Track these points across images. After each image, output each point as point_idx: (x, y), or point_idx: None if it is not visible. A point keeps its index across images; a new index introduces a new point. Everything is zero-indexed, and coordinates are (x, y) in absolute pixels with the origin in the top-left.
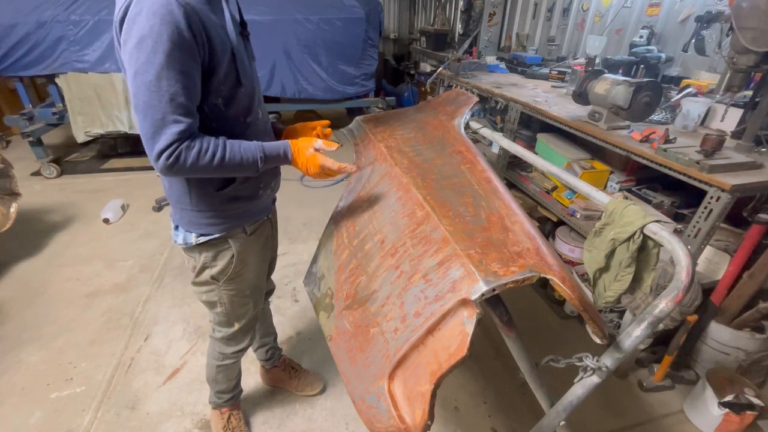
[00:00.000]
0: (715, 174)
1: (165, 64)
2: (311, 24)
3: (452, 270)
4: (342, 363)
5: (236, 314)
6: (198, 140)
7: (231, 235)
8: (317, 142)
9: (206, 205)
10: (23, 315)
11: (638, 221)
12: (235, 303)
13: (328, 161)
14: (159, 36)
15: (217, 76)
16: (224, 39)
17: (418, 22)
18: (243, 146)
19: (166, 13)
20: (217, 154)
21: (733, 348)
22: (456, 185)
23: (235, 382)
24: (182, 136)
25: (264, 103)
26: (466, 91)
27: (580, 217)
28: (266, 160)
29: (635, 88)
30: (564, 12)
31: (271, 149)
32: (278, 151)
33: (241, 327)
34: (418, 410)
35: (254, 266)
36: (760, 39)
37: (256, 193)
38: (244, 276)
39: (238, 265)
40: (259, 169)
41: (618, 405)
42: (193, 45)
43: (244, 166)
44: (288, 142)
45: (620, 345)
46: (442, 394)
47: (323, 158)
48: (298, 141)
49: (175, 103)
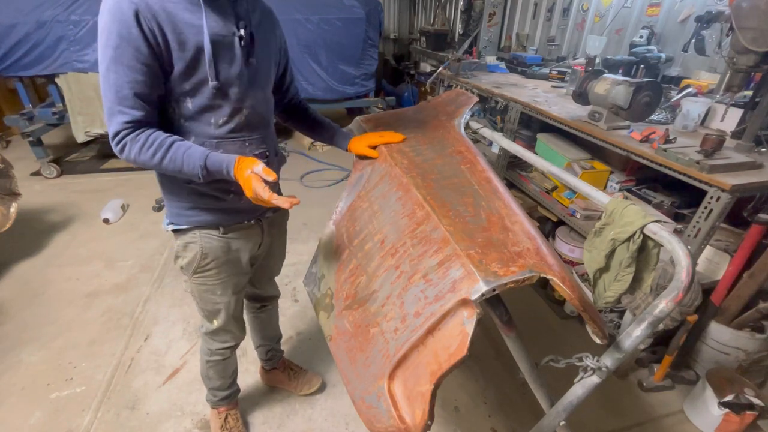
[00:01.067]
0: (715, 174)
1: (113, 58)
2: (311, 24)
3: (452, 270)
4: (342, 363)
5: (208, 310)
6: (145, 134)
7: (201, 230)
8: (257, 166)
9: (176, 195)
10: (23, 315)
11: (638, 221)
12: (205, 299)
13: (260, 188)
14: (110, 32)
15: (176, 71)
16: (191, 36)
17: (418, 22)
18: (188, 152)
19: (116, 11)
20: (158, 154)
21: (733, 348)
22: (456, 185)
23: (230, 380)
24: (126, 127)
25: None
26: (466, 91)
27: (580, 217)
28: (208, 172)
29: (635, 88)
30: (564, 12)
31: (214, 162)
32: (221, 166)
33: (221, 325)
34: (418, 410)
35: (228, 267)
36: (760, 39)
37: (225, 195)
38: (213, 274)
39: (203, 260)
40: (201, 179)
41: (618, 405)
42: (141, 41)
43: (185, 172)
44: (235, 158)
45: (620, 345)
46: (442, 394)
47: (257, 183)
48: (243, 159)
49: (120, 95)
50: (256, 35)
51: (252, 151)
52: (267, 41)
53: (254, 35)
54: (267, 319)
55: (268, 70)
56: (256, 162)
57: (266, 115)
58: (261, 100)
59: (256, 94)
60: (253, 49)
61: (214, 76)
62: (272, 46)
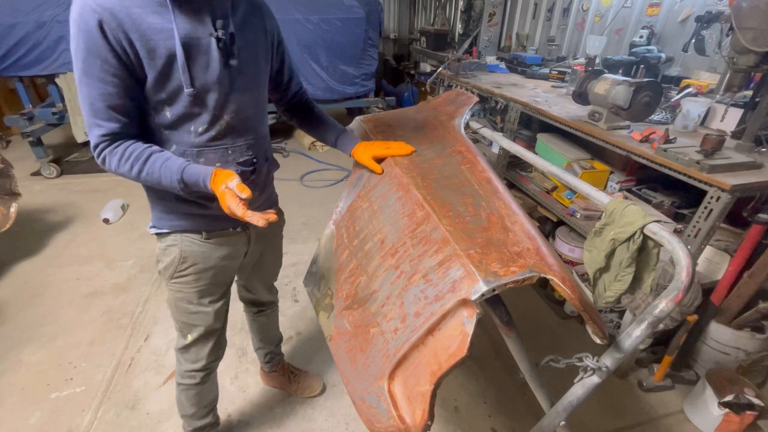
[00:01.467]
0: (715, 174)
1: (83, 71)
2: (311, 24)
3: (452, 270)
4: (342, 363)
5: (183, 322)
6: (123, 146)
7: (180, 235)
8: (232, 181)
9: (159, 199)
10: (23, 315)
11: (638, 221)
12: (180, 309)
13: (233, 204)
14: (77, 44)
15: (149, 80)
16: (161, 41)
17: (418, 22)
18: (166, 165)
19: (81, 22)
20: (135, 167)
21: (733, 348)
22: (456, 185)
23: (205, 411)
24: (104, 140)
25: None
26: (466, 91)
27: (580, 217)
28: (186, 185)
29: (635, 88)
30: (564, 12)
31: (191, 175)
32: (197, 178)
33: (195, 340)
34: (418, 410)
35: (208, 275)
36: (760, 39)
37: (209, 202)
38: (190, 280)
39: (182, 265)
40: (181, 192)
41: (618, 405)
42: (108, 52)
43: (164, 185)
44: (212, 170)
45: (620, 345)
46: (442, 394)
47: (230, 199)
48: (220, 172)
49: (94, 108)
50: (240, 34)
51: (236, 159)
52: (254, 40)
53: (235, 35)
54: (266, 323)
55: (256, 70)
56: (231, 176)
57: (253, 120)
58: (247, 105)
59: (241, 99)
60: (234, 50)
61: (189, 83)
62: (260, 44)
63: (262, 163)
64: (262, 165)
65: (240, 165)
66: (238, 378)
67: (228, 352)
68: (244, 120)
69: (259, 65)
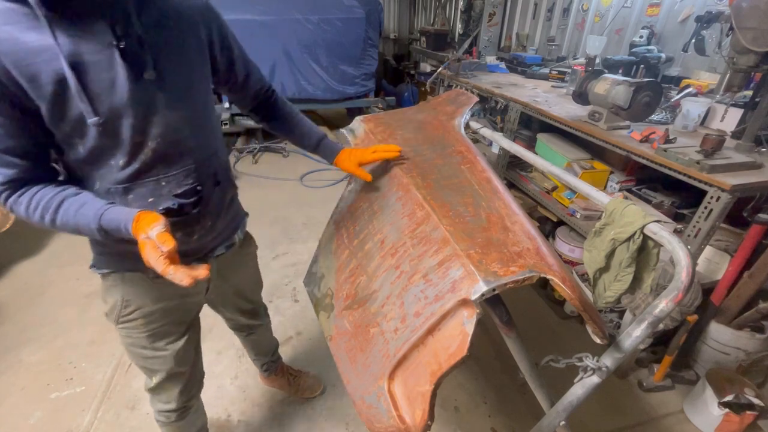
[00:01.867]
0: (715, 174)
1: None
2: (311, 24)
3: (452, 270)
4: (342, 363)
5: (141, 366)
6: (28, 194)
7: (121, 274)
8: (153, 229)
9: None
10: (23, 315)
11: (638, 221)
12: (134, 354)
13: (152, 258)
14: None
15: (44, 112)
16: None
17: (418, 22)
18: (81, 212)
19: None
20: (46, 217)
21: (733, 348)
22: (456, 185)
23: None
24: (4, 189)
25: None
26: (466, 91)
27: (580, 217)
28: (107, 234)
29: (635, 88)
30: (564, 12)
31: (111, 221)
32: (118, 225)
33: (160, 383)
34: (418, 410)
35: (159, 317)
36: (760, 39)
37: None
38: (138, 325)
39: (125, 309)
40: (105, 240)
41: (618, 405)
42: None
43: (83, 233)
44: (134, 214)
45: (620, 345)
46: (442, 394)
47: (149, 252)
48: (143, 216)
49: None
50: (155, 37)
51: (172, 191)
52: (178, 40)
53: (147, 39)
54: (258, 340)
55: (187, 80)
56: (154, 221)
57: (191, 141)
58: (178, 125)
59: (168, 119)
60: (147, 58)
61: (91, 111)
62: (189, 44)
63: (210, 190)
64: (211, 191)
65: (178, 197)
66: (238, 378)
67: (228, 352)
68: (177, 143)
69: (190, 72)
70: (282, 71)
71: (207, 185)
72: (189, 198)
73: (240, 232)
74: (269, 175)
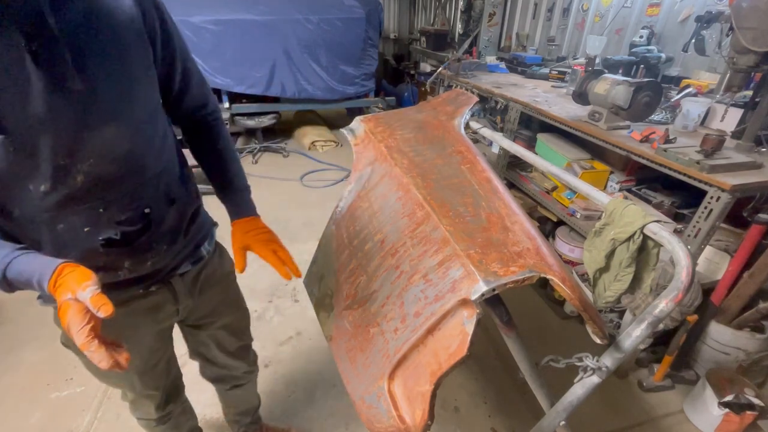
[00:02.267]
0: (715, 174)
1: None
2: (311, 24)
3: (452, 270)
4: (342, 363)
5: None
6: None
7: None
8: (87, 289)
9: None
10: (23, 315)
11: (638, 221)
12: (99, 376)
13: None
14: None
15: None
16: None
17: (418, 22)
18: None
19: None
20: None
21: (733, 348)
22: (456, 185)
23: None
24: None
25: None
26: (466, 91)
27: (580, 217)
28: (12, 287)
29: (635, 88)
30: (564, 12)
31: (20, 273)
32: (30, 277)
33: (134, 400)
34: (418, 410)
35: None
36: (760, 39)
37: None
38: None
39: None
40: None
41: (618, 405)
42: None
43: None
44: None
45: (620, 345)
46: (442, 394)
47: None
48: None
49: None
50: (83, 35)
51: (114, 218)
52: (113, 38)
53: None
54: (240, 395)
55: (125, 87)
56: (85, 280)
57: (134, 158)
58: (117, 140)
59: (103, 134)
60: (67, 63)
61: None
62: (128, 43)
63: (162, 211)
64: (164, 212)
65: (121, 225)
66: None
67: None
68: (116, 163)
69: (130, 79)
70: (282, 71)
71: (158, 206)
72: (135, 225)
73: (208, 244)
74: (269, 175)
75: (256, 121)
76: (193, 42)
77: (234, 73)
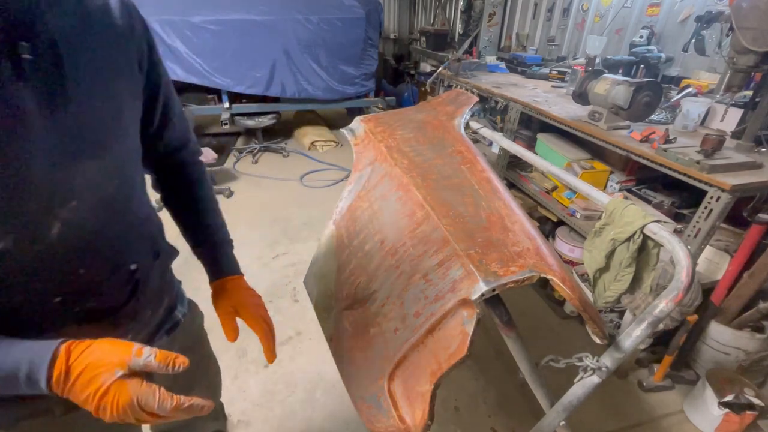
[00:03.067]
0: (715, 174)
1: None
2: (311, 24)
3: (452, 270)
4: (342, 363)
5: None
6: None
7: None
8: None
9: None
10: None
11: (638, 221)
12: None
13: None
14: None
15: None
16: None
17: (418, 22)
18: None
19: None
20: None
21: (733, 348)
22: (456, 185)
23: None
24: None
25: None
26: (466, 91)
27: (580, 217)
28: None
29: (635, 88)
30: (564, 12)
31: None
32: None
33: None
34: (418, 410)
35: None
36: (760, 39)
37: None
38: None
39: None
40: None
41: (618, 405)
42: None
43: None
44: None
45: (620, 345)
46: (442, 394)
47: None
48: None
49: None
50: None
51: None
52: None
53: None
54: None
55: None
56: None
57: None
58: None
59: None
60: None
61: None
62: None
63: (147, 268)
64: (149, 269)
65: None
66: (238, 378)
67: (228, 353)
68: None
69: (118, 104)
70: (282, 71)
71: (144, 262)
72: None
73: (180, 305)
74: (269, 175)
75: (256, 121)
76: (193, 42)
77: (234, 72)
